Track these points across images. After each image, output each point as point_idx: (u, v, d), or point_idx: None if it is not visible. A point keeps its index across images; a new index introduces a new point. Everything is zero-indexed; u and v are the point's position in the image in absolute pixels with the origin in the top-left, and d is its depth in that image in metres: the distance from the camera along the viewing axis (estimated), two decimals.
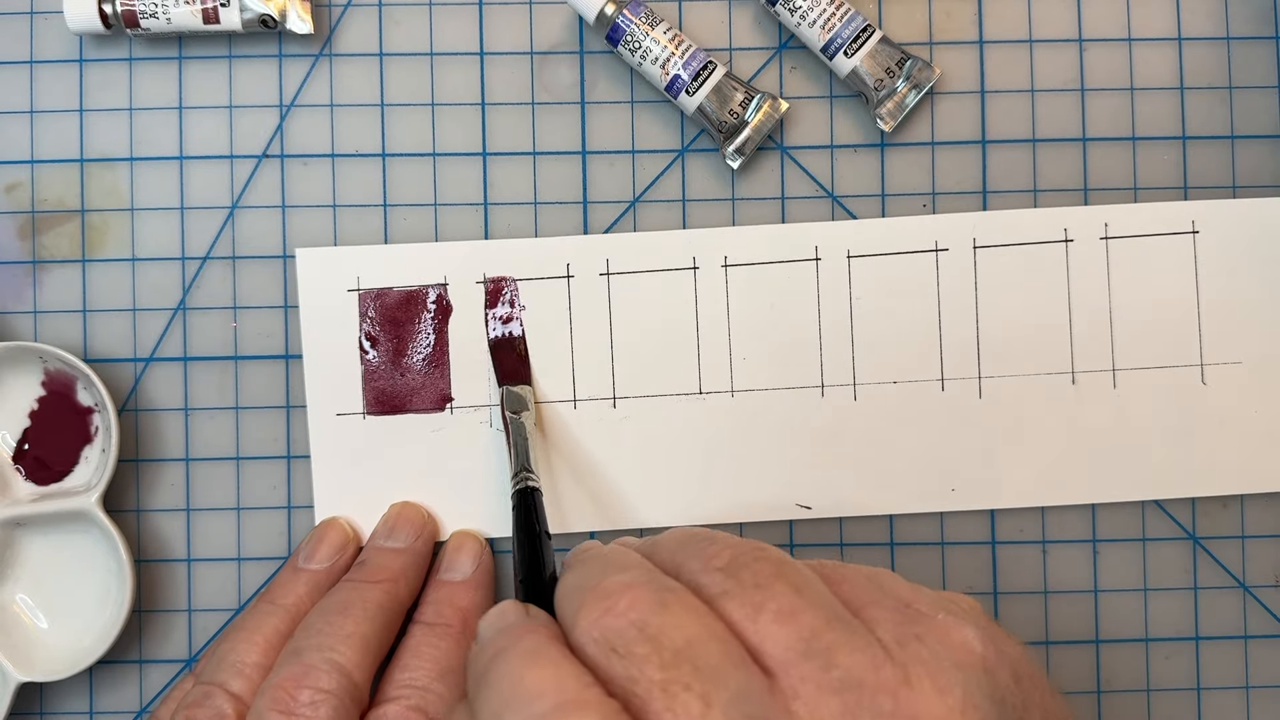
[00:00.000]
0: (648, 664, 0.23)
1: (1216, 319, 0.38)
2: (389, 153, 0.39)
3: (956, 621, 0.25)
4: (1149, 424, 0.38)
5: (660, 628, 0.23)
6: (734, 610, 0.24)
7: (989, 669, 0.24)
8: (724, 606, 0.24)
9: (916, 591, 0.26)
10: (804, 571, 0.26)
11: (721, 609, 0.24)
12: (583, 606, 0.24)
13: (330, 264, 0.38)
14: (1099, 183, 0.39)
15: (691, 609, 0.24)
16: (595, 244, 0.38)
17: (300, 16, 0.37)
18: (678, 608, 0.24)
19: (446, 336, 0.38)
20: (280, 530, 0.39)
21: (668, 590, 0.24)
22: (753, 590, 0.24)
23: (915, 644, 0.24)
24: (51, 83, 0.39)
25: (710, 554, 0.26)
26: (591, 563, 0.26)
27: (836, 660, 0.23)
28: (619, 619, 0.24)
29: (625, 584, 0.24)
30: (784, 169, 0.39)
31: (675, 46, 0.37)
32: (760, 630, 0.24)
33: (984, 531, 0.39)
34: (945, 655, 0.24)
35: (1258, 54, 0.39)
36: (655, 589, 0.24)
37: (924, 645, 0.24)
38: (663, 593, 0.24)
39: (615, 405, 0.38)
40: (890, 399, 0.38)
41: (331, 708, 0.31)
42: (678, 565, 0.26)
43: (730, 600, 0.24)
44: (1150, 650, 0.39)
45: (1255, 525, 0.39)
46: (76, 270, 0.38)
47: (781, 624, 0.24)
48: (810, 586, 0.25)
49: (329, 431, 0.38)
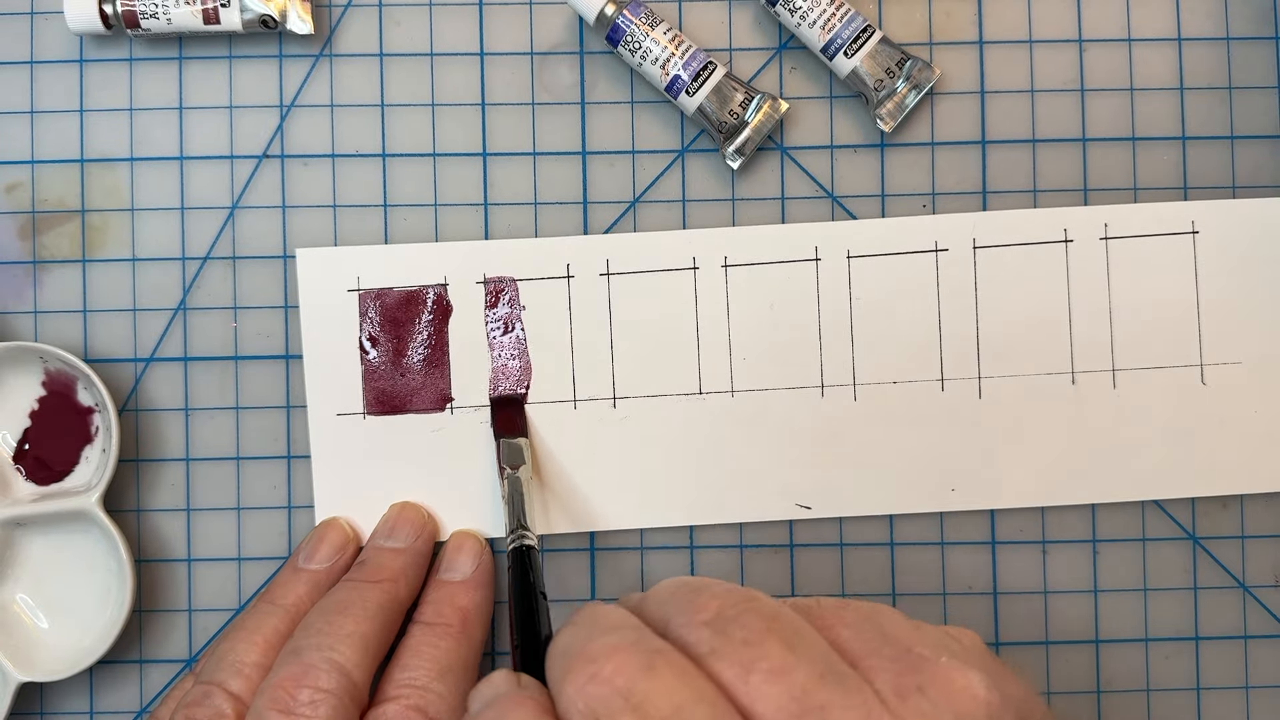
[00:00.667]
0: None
1: (1216, 319, 0.38)
2: (389, 153, 0.39)
3: (960, 667, 0.24)
4: (1149, 424, 0.38)
5: (646, 694, 0.22)
6: (724, 670, 0.23)
7: (992, 715, 0.24)
8: (713, 666, 0.23)
9: (918, 631, 0.25)
10: (796, 622, 0.25)
11: (710, 668, 0.23)
12: (568, 673, 0.24)
13: (330, 264, 0.38)
14: (1099, 183, 0.39)
15: (679, 671, 0.23)
16: (595, 244, 0.38)
17: (300, 17, 0.37)
18: (665, 671, 0.23)
19: (446, 337, 0.38)
20: (280, 530, 0.39)
21: (655, 652, 0.23)
22: (742, 647, 0.23)
23: (916, 696, 0.23)
24: (52, 83, 0.39)
25: (696, 606, 0.25)
26: (581, 624, 0.25)
27: (831, 719, 0.22)
28: (603, 686, 0.23)
29: (611, 647, 0.24)
30: (784, 169, 0.39)
31: (675, 47, 0.37)
32: (751, 691, 0.23)
33: (984, 531, 0.39)
34: (947, 706, 0.23)
35: (1258, 54, 0.39)
36: (641, 651, 0.23)
37: (925, 697, 0.23)
38: (650, 655, 0.23)
39: (615, 405, 0.38)
40: (890, 399, 0.38)
41: (331, 707, 0.31)
42: (665, 620, 0.25)
43: (719, 660, 0.23)
44: (1150, 650, 0.39)
45: (1255, 525, 0.39)
46: (77, 270, 0.38)
47: (773, 683, 0.23)
48: (803, 639, 0.24)
49: (329, 431, 0.38)
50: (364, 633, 0.33)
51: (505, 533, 0.33)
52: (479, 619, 0.36)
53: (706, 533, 0.39)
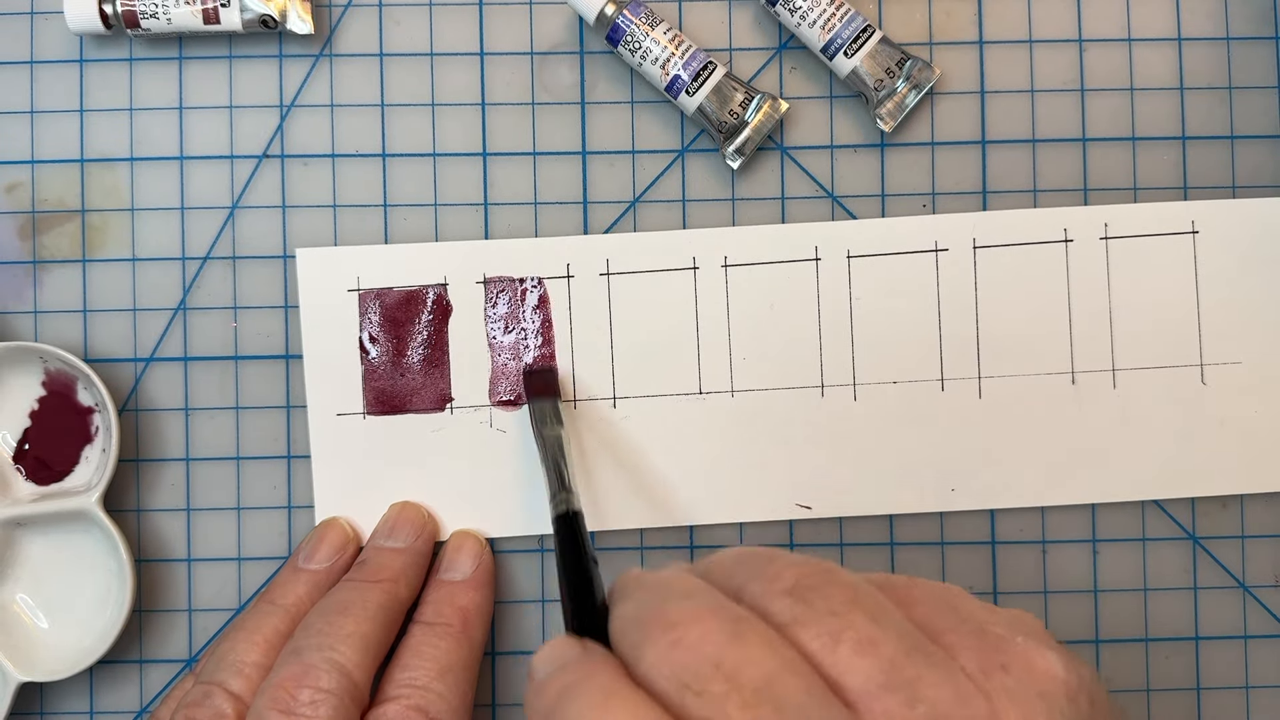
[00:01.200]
0: (727, 703, 0.21)
1: (1216, 319, 0.38)
2: (389, 153, 0.39)
3: (1038, 647, 0.24)
4: (1149, 424, 0.38)
5: (737, 663, 0.22)
6: (810, 640, 0.23)
7: (1071, 696, 0.23)
8: (797, 635, 0.23)
9: (991, 612, 0.25)
10: (877, 596, 0.24)
11: (795, 637, 0.23)
12: (647, 639, 0.23)
13: (330, 264, 0.38)
14: (1099, 183, 0.39)
15: (766, 640, 0.22)
16: (595, 244, 0.38)
17: (300, 17, 0.37)
18: (753, 639, 0.22)
19: (446, 337, 0.38)
20: (280, 530, 0.39)
21: (740, 619, 0.23)
22: (828, 617, 0.23)
23: (1000, 674, 0.23)
24: (52, 83, 0.39)
25: (772, 574, 0.24)
26: (647, 589, 0.24)
27: (921, 693, 0.22)
28: (691, 653, 0.22)
29: (693, 612, 0.23)
30: (784, 169, 0.39)
31: (675, 47, 0.37)
32: (839, 662, 0.22)
33: (984, 531, 0.39)
34: (1030, 685, 0.23)
35: (1258, 54, 0.39)
36: (726, 618, 0.23)
37: (1009, 675, 0.23)
38: (735, 622, 0.23)
39: (615, 405, 0.38)
40: (890, 399, 0.38)
41: (331, 707, 0.31)
42: (738, 588, 0.24)
43: (804, 629, 0.23)
44: (1150, 650, 0.39)
45: (1255, 525, 0.39)
46: (77, 270, 0.38)
47: (861, 655, 0.22)
48: (886, 614, 0.23)
49: (329, 431, 0.38)
50: (364, 633, 0.33)
51: (548, 497, 0.32)
52: (479, 619, 0.36)
53: (706, 533, 0.39)
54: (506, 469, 0.38)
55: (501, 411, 0.38)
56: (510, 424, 0.38)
